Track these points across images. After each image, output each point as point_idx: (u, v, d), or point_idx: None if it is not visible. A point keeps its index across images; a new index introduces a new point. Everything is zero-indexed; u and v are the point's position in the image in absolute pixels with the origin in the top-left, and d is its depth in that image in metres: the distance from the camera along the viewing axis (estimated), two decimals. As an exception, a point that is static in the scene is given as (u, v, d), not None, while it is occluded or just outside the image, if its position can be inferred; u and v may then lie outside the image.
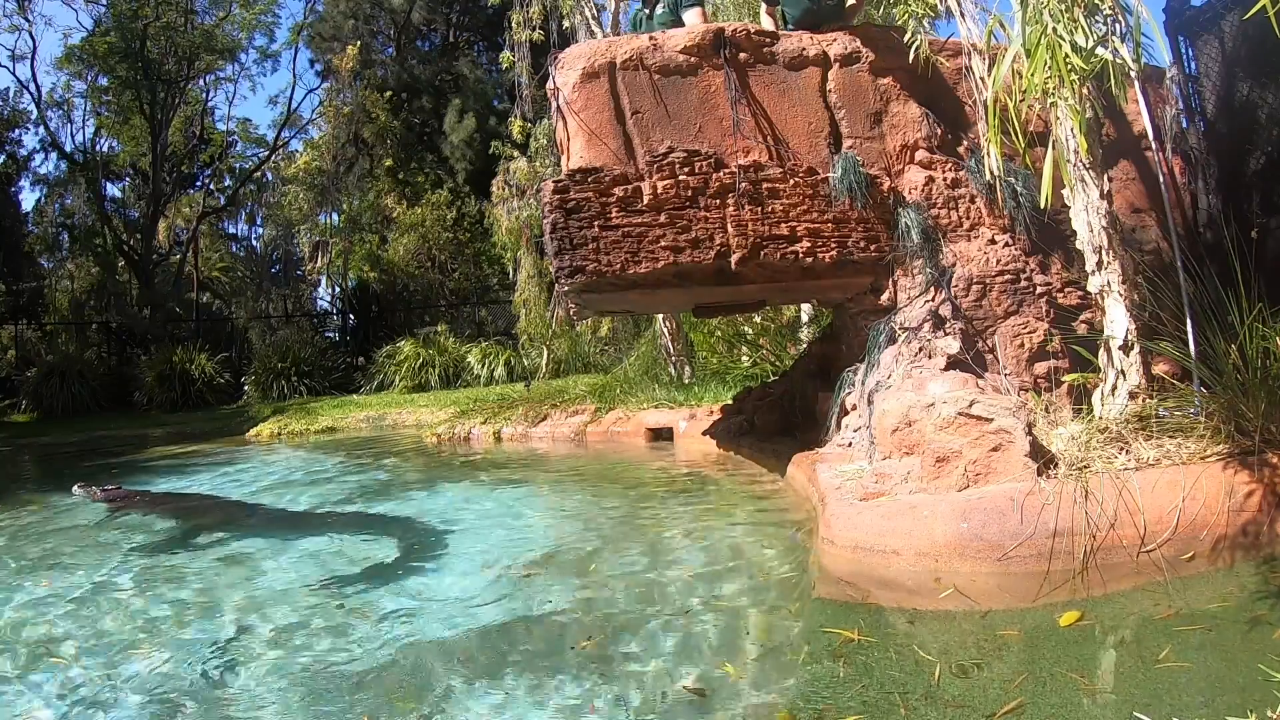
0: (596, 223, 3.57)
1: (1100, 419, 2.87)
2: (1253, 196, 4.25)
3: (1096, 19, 2.77)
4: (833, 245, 3.72)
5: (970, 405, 2.65)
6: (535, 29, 10.61)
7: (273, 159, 21.01)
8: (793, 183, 3.72)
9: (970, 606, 2.10)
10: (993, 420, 2.58)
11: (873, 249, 3.77)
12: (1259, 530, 2.23)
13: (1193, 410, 2.71)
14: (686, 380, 7.62)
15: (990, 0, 4.74)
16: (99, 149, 19.43)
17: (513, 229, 11.94)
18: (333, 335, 18.18)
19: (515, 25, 10.90)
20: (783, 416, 4.85)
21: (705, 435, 5.42)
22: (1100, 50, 2.70)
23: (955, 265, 3.71)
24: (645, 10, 4.75)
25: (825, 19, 4.17)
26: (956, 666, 1.76)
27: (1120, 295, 3.03)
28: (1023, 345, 3.64)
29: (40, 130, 19.10)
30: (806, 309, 7.07)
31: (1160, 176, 3.81)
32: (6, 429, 11.89)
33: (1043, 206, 2.81)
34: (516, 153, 12.11)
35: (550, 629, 2.21)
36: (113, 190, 21.70)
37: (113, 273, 18.75)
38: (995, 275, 3.69)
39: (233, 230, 25.47)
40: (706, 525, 3.34)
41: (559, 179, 3.64)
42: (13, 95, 18.90)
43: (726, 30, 3.87)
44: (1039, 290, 3.70)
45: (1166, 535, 2.23)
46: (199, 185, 22.19)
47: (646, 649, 2.01)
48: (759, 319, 7.38)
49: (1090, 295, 3.27)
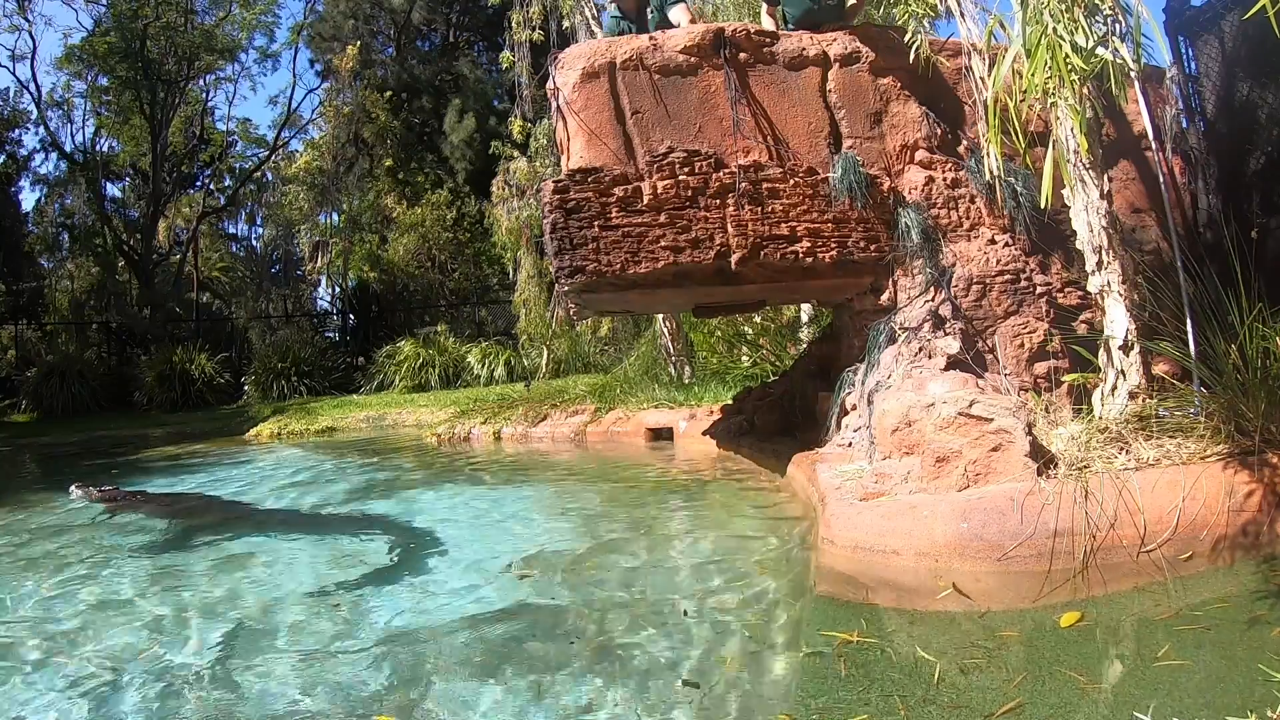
0: (596, 223, 3.57)
1: (1100, 419, 2.87)
2: (1253, 196, 4.25)
3: (1096, 19, 2.77)
4: (833, 245, 3.72)
5: (970, 405, 2.65)
6: (535, 29, 10.62)
7: (273, 159, 21.03)
8: (793, 183, 3.72)
9: (970, 606, 2.10)
10: (993, 420, 2.58)
11: (873, 249, 3.77)
12: (1259, 530, 2.23)
13: (1193, 410, 2.71)
14: (686, 380, 7.62)
15: (990, 0, 4.74)
16: (99, 149, 19.44)
17: (513, 229, 11.94)
18: (333, 335, 18.20)
19: (515, 25, 10.90)
20: (783, 416, 4.85)
21: (705, 435, 5.42)
22: (1100, 50, 2.70)
23: (955, 265, 3.72)
24: (626, 21, 4.71)
25: (825, 19, 4.17)
26: (956, 666, 1.76)
27: (1120, 295, 3.03)
28: (1023, 345, 3.64)
29: (40, 130, 19.15)
30: (806, 309, 7.07)
31: (1160, 176, 3.81)
32: (6, 429, 11.89)
33: (1043, 206, 2.81)
34: (516, 153, 12.12)
35: (549, 629, 2.21)
36: (113, 190, 21.75)
37: (113, 273, 18.75)
38: (995, 275, 3.70)
39: (233, 230, 25.50)
40: (706, 525, 3.34)
41: (559, 179, 3.64)
42: (13, 95, 18.95)
43: (726, 30, 3.87)
44: (1039, 290, 3.71)
45: (1166, 535, 2.23)
46: (199, 185, 22.19)
47: (646, 649, 2.01)
48: (759, 319, 7.38)
49: (1090, 295, 3.27)
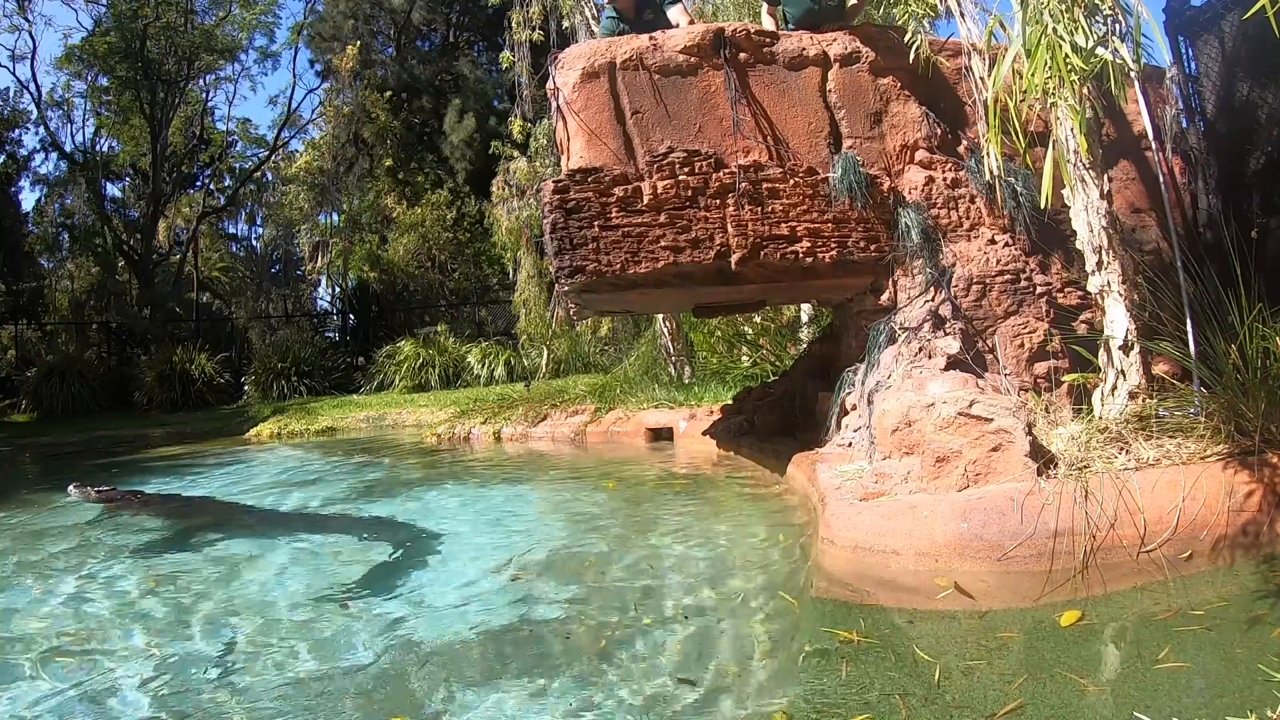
0: (596, 223, 3.57)
1: (1100, 419, 2.87)
2: (1253, 196, 4.25)
3: (1096, 19, 2.78)
4: (833, 245, 3.72)
5: (970, 405, 2.65)
6: (535, 29, 10.62)
7: (273, 159, 21.03)
8: (793, 183, 3.72)
9: (970, 606, 2.10)
10: (993, 420, 2.58)
11: (873, 249, 3.77)
12: (1259, 530, 2.23)
13: (1193, 410, 2.71)
14: (686, 380, 7.62)
15: (990, 0, 4.75)
16: (99, 149, 19.44)
17: (513, 229, 11.94)
18: (333, 335, 18.21)
19: (515, 25, 10.91)
20: (783, 416, 4.85)
21: (705, 435, 5.42)
22: (1100, 50, 2.70)
23: (955, 265, 3.71)
24: (623, 22, 4.70)
25: (826, 19, 4.17)
26: (957, 666, 1.76)
27: (1120, 295, 3.03)
28: (1023, 345, 3.64)
29: (40, 130, 19.16)
30: (806, 309, 7.07)
31: (1160, 176, 3.81)
32: (6, 429, 11.88)
33: (1043, 206, 2.82)
34: (516, 153, 12.12)
35: (549, 629, 2.21)
36: (113, 190, 21.75)
37: (113, 273, 18.75)
38: (995, 275, 3.70)
39: (233, 230, 25.52)
40: (706, 525, 3.34)
41: (559, 179, 3.64)
42: (13, 95, 18.96)
43: (726, 30, 3.87)
44: (1039, 290, 3.70)
45: (1166, 535, 2.23)
46: (199, 185, 22.19)
47: (646, 649, 2.01)
48: (759, 319, 7.38)
49: (1090, 295, 3.27)
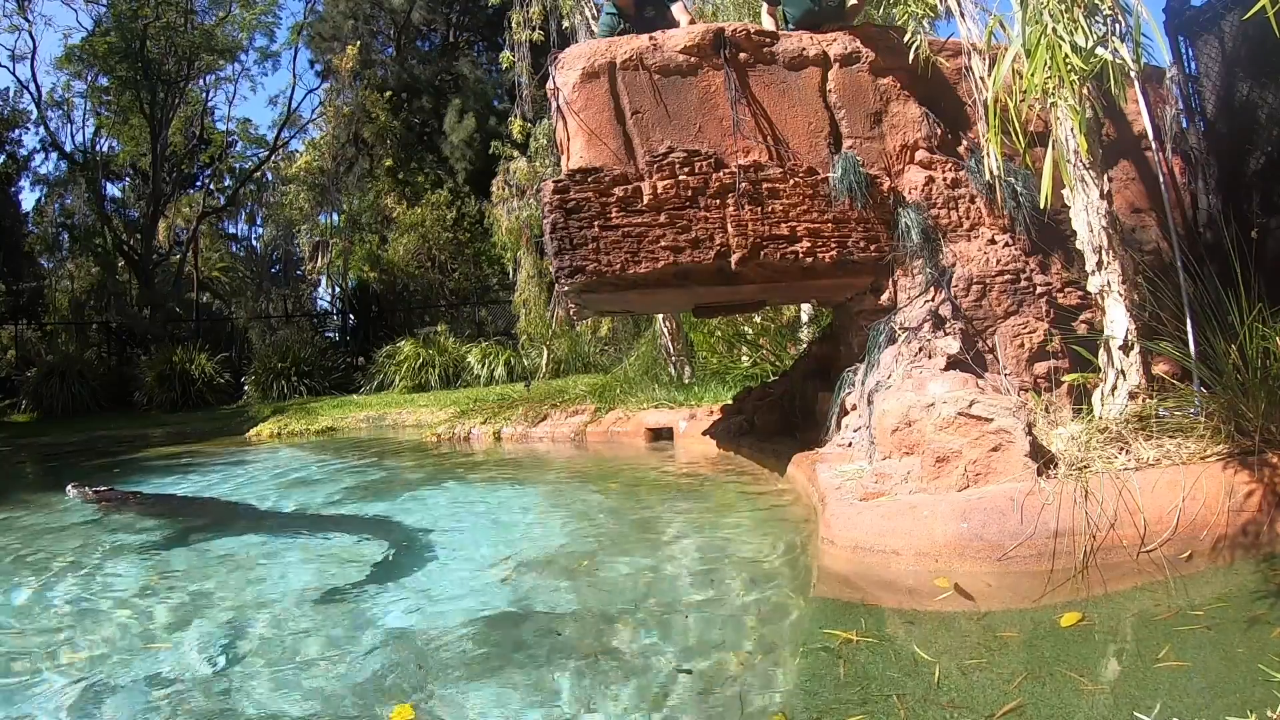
0: (596, 223, 3.57)
1: (1100, 419, 2.87)
2: (1253, 196, 4.25)
3: (1096, 19, 2.78)
4: (833, 245, 3.72)
5: (970, 405, 2.65)
6: (535, 29, 10.63)
7: (273, 159, 21.05)
8: (793, 183, 3.72)
9: (970, 607, 2.10)
10: (993, 420, 2.58)
11: (873, 249, 3.77)
12: (1259, 530, 2.23)
13: (1193, 410, 2.71)
14: (686, 380, 7.62)
15: (990, 0, 4.74)
16: (99, 149, 19.46)
17: (513, 229, 11.95)
18: (333, 335, 18.21)
19: (515, 25, 10.91)
20: (783, 416, 4.85)
21: (705, 435, 5.42)
22: (1100, 50, 2.70)
23: (955, 265, 3.71)
24: (622, 18, 4.69)
25: (826, 19, 4.17)
26: (956, 667, 1.76)
27: (1120, 295, 3.03)
28: (1023, 345, 3.64)
29: (40, 130, 19.18)
30: (806, 309, 7.07)
31: (1160, 176, 3.81)
32: (6, 429, 11.88)
33: (1043, 206, 2.81)
34: (516, 153, 12.12)
35: (548, 629, 2.21)
36: (113, 190, 21.77)
37: (113, 273, 18.75)
38: (995, 275, 3.70)
39: (233, 230, 25.54)
40: (706, 525, 3.34)
41: (559, 179, 3.64)
42: (13, 95, 18.99)
43: (726, 30, 3.87)
44: (1039, 290, 3.70)
45: (1166, 535, 2.23)
46: (199, 185, 22.20)
47: (645, 649, 2.01)
48: (759, 319, 7.38)
49: (1090, 295, 3.27)
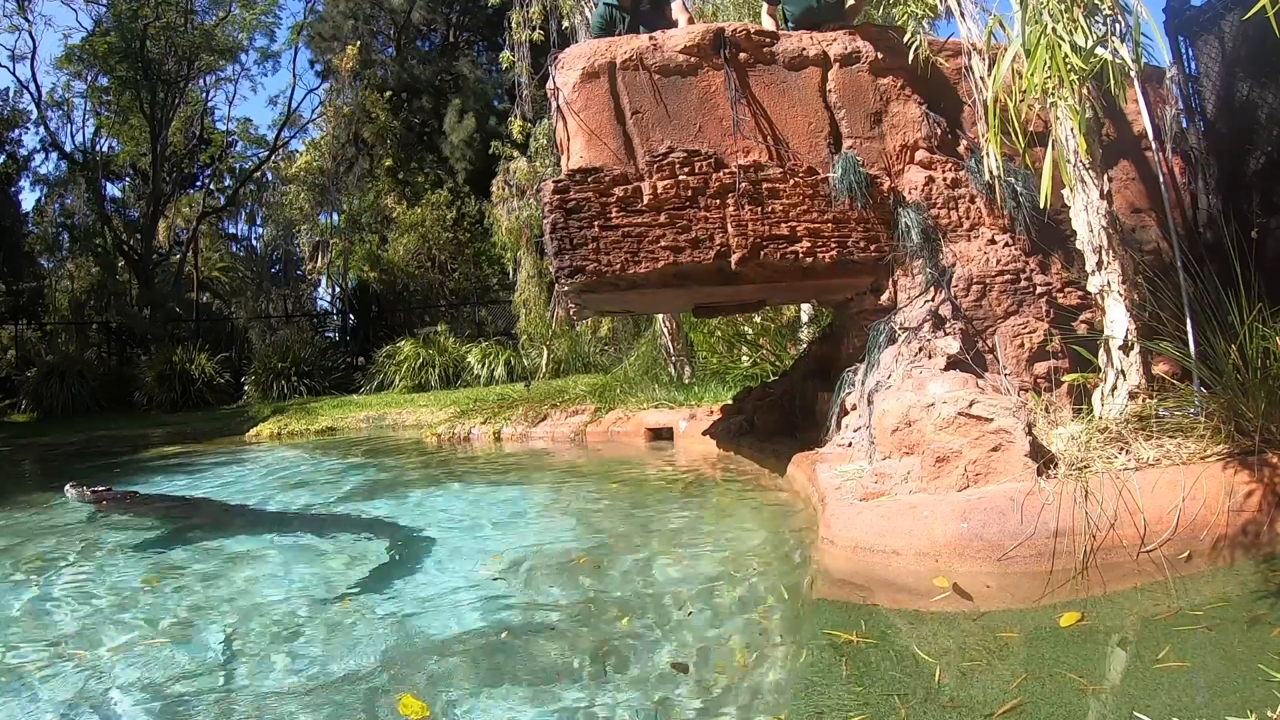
0: (596, 223, 3.57)
1: (1100, 419, 2.87)
2: (1253, 196, 4.25)
3: (1096, 19, 2.78)
4: (833, 245, 3.72)
5: (970, 405, 2.65)
6: (535, 29, 10.63)
7: (273, 159, 21.03)
8: (793, 183, 3.72)
9: (970, 607, 2.10)
10: (993, 420, 2.58)
11: (873, 249, 3.77)
12: (1259, 530, 2.23)
13: (1193, 410, 2.71)
14: (686, 380, 7.62)
15: (990, 0, 4.74)
16: (99, 149, 19.47)
17: (513, 229, 11.95)
18: (333, 335, 18.20)
19: (515, 25, 10.92)
20: (783, 416, 4.85)
21: (705, 435, 5.42)
22: (1100, 50, 2.70)
23: (955, 265, 3.71)
24: (619, 11, 4.68)
25: (825, 17, 4.18)
26: (956, 667, 1.76)
27: (1120, 295, 3.03)
28: (1023, 345, 3.64)
29: (40, 130, 19.19)
30: (806, 309, 7.07)
31: (1160, 176, 3.81)
32: (6, 429, 11.88)
33: (1043, 206, 2.81)
34: (516, 153, 12.13)
35: (549, 628, 2.21)
36: (113, 190, 21.76)
37: (113, 273, 18.75)
38: (995, 275, 3.69)
39: (233, 230, 25.52)
40: (706, 525, 3.34)
41: (559, 179, 3.64)
42: (13, 95, 18.99)
43: (726, 30, 3.87)
44: (1039, 290, 3.70)
45: (1166, 535, 2.23)
46: (199, 185, 22.20)
47: (644, 648, 2.01)
48: (759, 319, 7.38)
49: (1090, 295, 3.27)
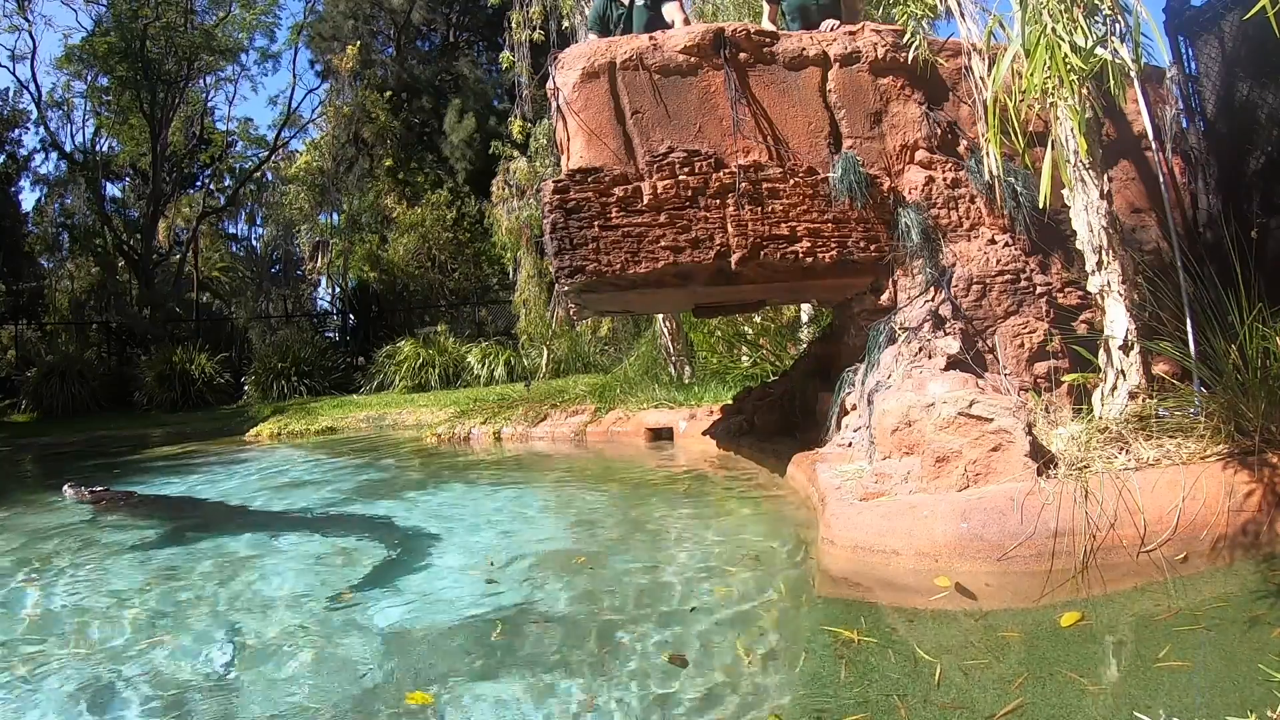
0: (596, 223, 3.57)
1: (1100, 419, 2.87)
2: (1253, 196, 4.24)
3: (1096, 19, 2.78)
4: (833, 245, 3.72)
5: (970, 405, 2.65)
6: (535, 29, 10.65)
7: (273, 159, 21.02)
8: (793, 183, 3.72)
9: (970, 606, 2.10)
10: (993, 420, 2.58)
11: (873, 249, 3.77)
12: (1259, 530, 2.23)
13: (1193, 410, 2.71)
14: (686, 380, 7.62)
15: (990, 0, 4.74)
16: (99, 149, 19.44)
17: (513, 229, 11.95)
18: (333, 335, 18.21)
19: (515, 25, 10.94)
20: (783, 416, 4.85)
21: (705, 435, 5.42)
22: (1100, 50, 2.70)
23: (955, 265, 3.71)
24: (616, 3, 4.68)
25: (819, 9, 4.24)
26: (957, 666, 1.76)
27: (1120, 295, 3.03)
28: (1023, 345, 3.64)
29: (40, 130, 19.16)
30: (806, 309, 7.07)
31: (1160, 176, 3.81)
32: (6, 429, 11.88)
33: (1043, 206, 2.82)
34: (516, 153, 12.14)
35: (549, 628, 2.21)
36: (113, 190, 21.75)
37: (113, 273, 18.75)
38: (995, 275, 3.69)
39: (233, 230, 25.48)
40: (706, 525, 3.34)
41: (559, 179, 3.64)
42: (13, 95, 18.98)
43: (726, 30, 3.87)
44: (1039, 290, 3.70)
45: (1166, 535, 2.23)
46: (199, 185, 22.19)
47: (645, 647, 2.01)
48: (759, 319, 7.38)
49: (1090, 295, 3.27)
